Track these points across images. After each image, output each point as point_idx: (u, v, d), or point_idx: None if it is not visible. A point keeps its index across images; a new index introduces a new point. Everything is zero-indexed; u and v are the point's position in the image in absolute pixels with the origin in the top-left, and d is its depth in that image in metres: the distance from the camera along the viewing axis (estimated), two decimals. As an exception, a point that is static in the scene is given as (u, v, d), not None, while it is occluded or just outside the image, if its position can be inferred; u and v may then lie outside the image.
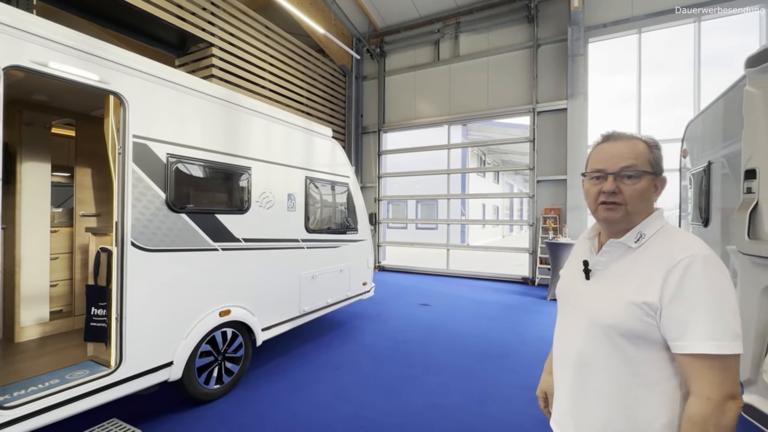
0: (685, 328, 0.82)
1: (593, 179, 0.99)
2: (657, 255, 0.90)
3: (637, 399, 0.89)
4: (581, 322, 1.00)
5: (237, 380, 3.30)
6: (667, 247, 0.90)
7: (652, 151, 0.95)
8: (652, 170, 0.94)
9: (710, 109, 3.28)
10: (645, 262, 0.92)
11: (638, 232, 0.95)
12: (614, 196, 0.93)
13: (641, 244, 0.94)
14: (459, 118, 9.60)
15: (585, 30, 7.81)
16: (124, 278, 2.43)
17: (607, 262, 0.99)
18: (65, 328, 3.55)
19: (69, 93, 3.17)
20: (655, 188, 0.96)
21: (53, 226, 3.68)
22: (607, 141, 0.99)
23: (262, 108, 3.62)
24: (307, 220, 4.11)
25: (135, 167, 2.49)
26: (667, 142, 7.33)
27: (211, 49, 6.72)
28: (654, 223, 0.95)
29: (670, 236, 0.93)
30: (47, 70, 2.09)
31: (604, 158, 0.97)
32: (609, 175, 0.94)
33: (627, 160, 0.93)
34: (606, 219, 0.98)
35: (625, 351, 0.90)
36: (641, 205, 0.94)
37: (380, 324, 5.32)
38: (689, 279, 0.83)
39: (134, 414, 2.82)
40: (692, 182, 3.69)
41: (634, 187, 0.93)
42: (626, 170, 0.93)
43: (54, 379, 2.39)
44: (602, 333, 0.94)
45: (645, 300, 0.87)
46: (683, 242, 0.90)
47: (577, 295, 1.04)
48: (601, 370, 0.94)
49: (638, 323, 0.87)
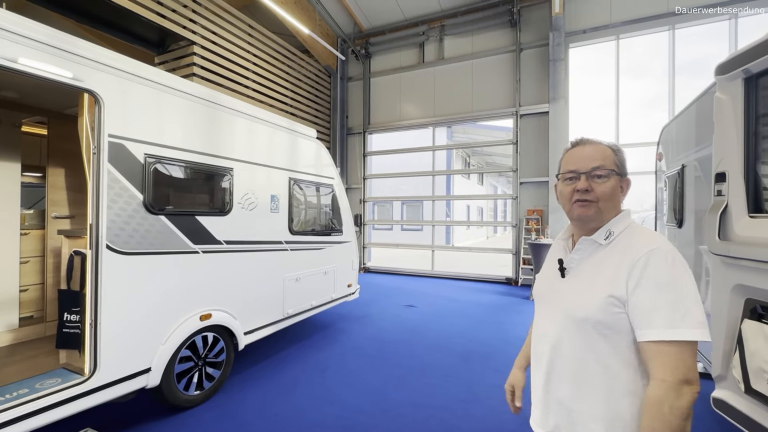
0: (646, 316, 0.89)
1: (567, 180, 1.07)
2: (624, 251, 0.98)
3: (608, 390, 0.96)
4: (557, 318, 1.06)
5: (218, 386, 3.23)
6: (632, 243, 0.98)
7: (616, 154, 1.05)
8: (618, 171, 1.03)
9: (684, 114, 3.39)
10: (613, 257, 0.99)
11: (608, 230, 1.03)
12: (587, 194, 1.02)
13: (610, 241, 1.02)
14: (444, 120, 9.68)
15: (566, 35, 8.00)
16: (98, 282, 2.34)
17: (580, 260, 1.07)
18: (36, 334, 3.40)
19: (41, 90, 3.05)
20: (621, 188, 1.05)
21: (23, 228, 3.53)
22: (578, 146, 1.08)
23: (244, 108, 3.56)
24: (290, 221, 4.06)
25: (111, 168, 2.42)
26: (645, 145, 7.58)
27: (193, 48, 6.58)
28: (622, 222, 1.04)
29: (635, 234, 1.01)
30: (17, 66, 2.00)
31: (576, 160, 1.05)
32: (581, 174, 1.03)
33: (596, 161, 1.02)
34: (580, 216, 1.05)
35: (596, 343, 0.97)
36: (611, 202, 1.03)
37: (365, 325, 5.30)
38: (650, 271, 0.91)
39: (109, 423, 2.73)
40: (667, 185, 3.81)
41: (604, 185, 1.01)
42: (597, 170, 1.02)
43: (23, 389, 2.28)
44: (576, 326, 1.00)
45: (613, 293, 0.94)
46: (647, 238, 0.98)
47: (554, 293, 1.11)
48: (575, 363, 1.01)
49: (608, 315, 0.95)
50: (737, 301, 1.92)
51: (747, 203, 1.90)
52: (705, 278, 2.85)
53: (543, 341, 1.11)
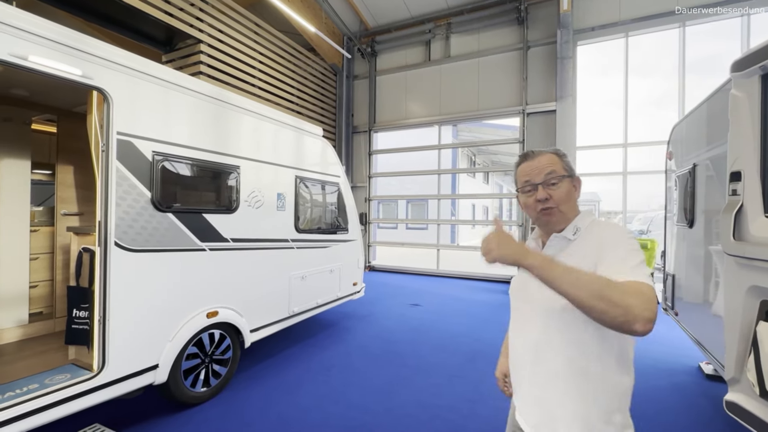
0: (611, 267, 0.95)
1: (526, 192, 1.15)
2: (590, 241, 1.08)
3: (584, 374, 1.01)
4: (535, 313, 1.11)
5: (225, 383, 3.24)
6: (595, 234, 1.09)
7: (562, 159, 1.15)
8: (567, 174, 1.12)
9: (695, 113, 3.34)
10: (581, 248, 1.08)
11: (575, 227, 1.12)
12: (547, 201, 1.11)
13: (578, 236, 1.11)
14: (449, 118, 9.64)
15: (574, 33, 7.92)
16: (107, 279, 2.36)
17: (553, 254, 1.12)
18: (45, 330, 3.44)
19: (50, 88, 3.07)
20: (574, 187, 1.15)
21: (33, 225, 3.57)
22: (527, 159, 1.17)
23: (251, 106, 3.56)
24: (297, 219, 4.06)
25: (119, 165, 2.43)
26: (653, 144, 7.49)
27: (200, 46, 6.60)
28: (585, 219, 1.14)
29: (597, 226, 1.11)
30: (27, 64, 2.02)
31: (529, 172, 1.14)
32: (538, 185, 1.12)
33: (547, 169, 1.12)
34: (548, 223, 1.15)
35: (573, 332, 1.02)
36: (569, 203, 1.13)
37: (371, 324, 5.29)
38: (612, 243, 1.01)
39: (117, 418, 2.75)
40: (677, 184, 3.76)
41: (559, 190, 1.11)
42: (549, 177, 1.11)
43: (33, 384, 2.30)
44: (555, 317, 1.05)
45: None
46: (606, 226, 1.09)
47: (529, 290, 1.14)
48: (556, 353, 1.05)
49: None
50: (752, 302, 1.88)
51: (763, 203, 1.86)
52: (715, 279, 2.80)
53: (523, 336, 1.15)
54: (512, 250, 0.94)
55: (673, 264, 3.94)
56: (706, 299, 2.95)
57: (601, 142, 8.14)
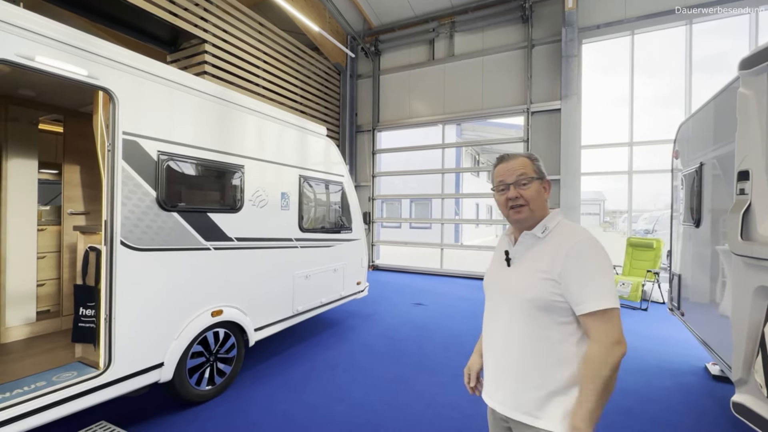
0: (582, 294, 1.09)
1: (500, 191, 1.27)
2: (557, 242, 1.17)
3: (548, 357, 1.15)
4: (506, 301, 1.24)
5: (229, 381, 3.26)
6: (564, 235, 1.18)
7: (534, 163, 1.26)
8: (537, 176, 1.24)
9: (702, 111, 3.30)
10: (550, 247, 1.18)
11: (544, 226, 1.23)
12: (518, 200, 1.22)
13: (546, 234, 1.22)
14: (453, 117, 9.61)
15: (579, 31, 7.86)
16: (113, 278, 2.38)
17: (523, 251, 1.25)
18: (53, 328, 3.48)
19: (57, 88, 3.10)
20: (544, 189, 1.26)
21: (40, 224, 3.60)
22: (502, 162, 1.29)
23: (255, 105, 3.57)
24: (300, 219, 4.07)
25: (125, 165, 2.44)
26: (659, 143, 7.43)
27: (204, 46, 6.63)
28: (554, 219, 1.24)
29: (566, 228, 1.21)
30: (34, 65, 2.03)
31: (503, 173, 1.26)
32: (510, 185, 1.23)
33: (519, 170, 1.23)
34: (517, 220, 1.26)
35: (538, 319, 1.16)
36: (538, 202, 1.23)
37: (374, 323, 5.30)
38: (579, 258, 1.12)
39: (123, 416, 2.77)
40: (684, 183, 3.72)
41: (529, 190, 1.22)
42: (521, 178, 1.22)
43: (40, 381, 2.33)
44: (523, 306, 1.18)
45: (551, 277, 1.14)
46: (574, 231, 1.19)
47: (501, 281, 1.29)
48: (522, 337, 1.19)
49: (548, 295, 1.14)
50: (760, 303, 1.86)
51: (771, 202, 1.84)
52: (722, 279, 2.78)
53: (494, 323, 1.29)
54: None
55: (679, 264, 3.91)
56: (713, 299, 2.93)
57: (607, 141, 8.08)
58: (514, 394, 1.20)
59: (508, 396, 1.21)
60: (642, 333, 4.96)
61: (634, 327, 5.22)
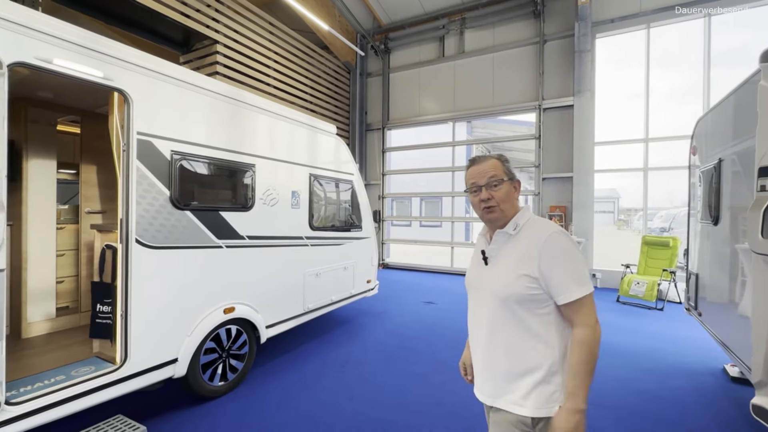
0: (563, 285, 1.17)
1: (473, 193, 1.33)
2: (529, 237, 1.24)
3: (530, 348, 1.21)
4: (487, 298, 1.30)
5: (241, 377, 3.31)
6: (534, 230, 1.25)
7: (504, 164, 1.31)
8: (507, 177, 1.29)
9: (721, 106, 3.21)
10: (522, 243, 1.25)
11: (515, 223, 1.29)
12: (489, 201, 1.28)
13: (518, 231, 1.28)
14: (464, 115, 9.54)
15: (592, 25, 7.72)
16: (128, 275, 2.43)
17: (498, 248, 1.32)
18: (71, 324, 3.57)
19: (74, 90, 3.17)
20: (515, 189, 1.32)
21: (59, 222, 3.70)
22: (474, 164, 1.35)
23: (266, 105, 3.60)
24: (311, 217, 4.10)
25: (139, 164, 2.49)
26: (675, 139, 7.26)
27: (216, 46, 6.71)
28: (524, 216, 1.30)
29: (536, 223, 1.28)
30: (52, 67, 2.09)
31: (475, 175, 1.32)
32: (482, 187, 1.29)
33: (490, 172, 1.29)
34: (490, 220, 1.33)
35: (518, 313, 1.22)
36: (508, 202, 1.29)
37: (385, 322, 5.31)
38: (553, 252, 1.18)
39: (139, 410, 2.83)
40: (702, 180, 3.63)
41: (500, 191, 1.28)
42: (492, 180, 1.28)
43: (60, 375, 2.40)
44: (502, 302, 1.24)
45: (526, 272, 1.20)
46: (545, 226, 1.25)
47: (481, 279, 1.36)
48: (504, 331, 1.25)
49: (525, 289, 1.20)
50: (781, 303, 1.80)
51: (794, 199, 1.78)
52: (741, 278, 2.70)
53: (477, 320, 1.35)
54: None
55: (696, 263, 3.81)
56: (732, 299, 2.85)
57: (621, 138, 7.92)
58: (501, 386, 1.26)
59: (496, 388, 1.28)
60: (658, 333, 4.86)
61: (649, 327, 5.12)
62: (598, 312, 1.20)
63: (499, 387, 1.27)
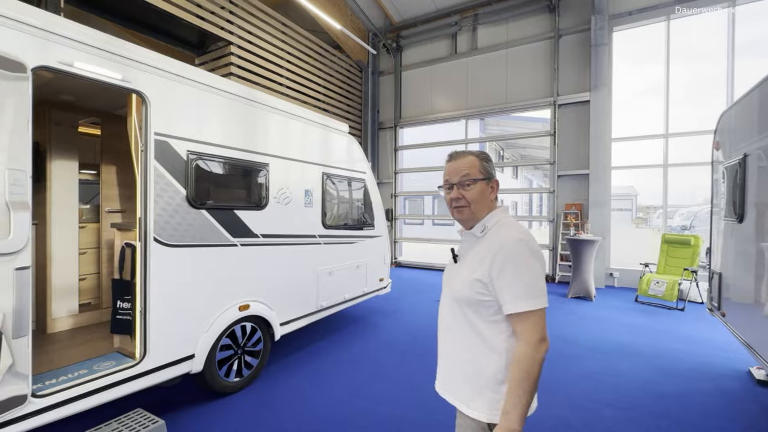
0: (507, 295, 1.13)
1: (446, 190, 1.30)
2: (491, 242, 1.20)
3: (476, 350, 1.20)
4: (448, 297, 1.31)
5: (256, 374, 3.36)
6: (497, 235, 1.20)
7: (482, 162, 1.27)
8: (483, 177, 1.25)
9: (746, 99, 3.09)
10: (485, 247, 1.21)
11: (483, 225, 1.26)
12: (459, 201, 1.25)
13: (485, 234, 1.24)
14: (477, 112, 9.44)
15: (609, 18, 7.54)
16: (147, 273, 2.49)
17: (466, 249, 1.30)
18: (93, 320, 3.69)
19: (94, 92, 3.26)
20: (491, 189, 1.28)
21: (81, 222, 3.81)
22: (451, 160, 1.32)
23: (279, 105, 3.63)
24: (324, 216, 4.12)
25: (157, 164, 2.54)
26: (696, 134, 7.03)
27: (230, 48, 6.80)
28: (494, 218, 1.26)
29: (502, 228, 1.22)
30: (73, 70, 2.14)
31: (449, 172, 1.29)
32: (454, 185, 1.27)
33: (464, 171, 1.25)
34: (458, 219, 1.30)
35: (469, 316, 1.21)
36: (480, 203, 1.25)
37: (397, 320, 5.30)
38: (508, 258, 1.13)
39: (158, 404, 2.90)
40: (726, 176, 3.51)
41: (472, 191, 1.24)
42: (465, 179, 1.25)
43: (83, 369, 2.47)
44: (456, 303, 1.25)
45: (478, 276, 1.18)
46: (508, 231, 1.20)
47: (449, 278, 1.35)
48: (456, 332, 1.26)
49: (476, 295, 1.18)
50: (811, 303, 1.73)
51: (825, 195, 1.70)
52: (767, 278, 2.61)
53: (440, 318, 1.37)
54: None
55: (719, 262, 3.69)
56: (758, 299, 2.75)
57: (640, 133, 7.72)
58: (453, 383, 1.29)
59: (449, 384, 1.31)
60: (678, 334, 4.72)
61: (669, 327, 4.98)
62: (616, 311, 1.15)
63: (453, 384, 1.29)
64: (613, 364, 3.80)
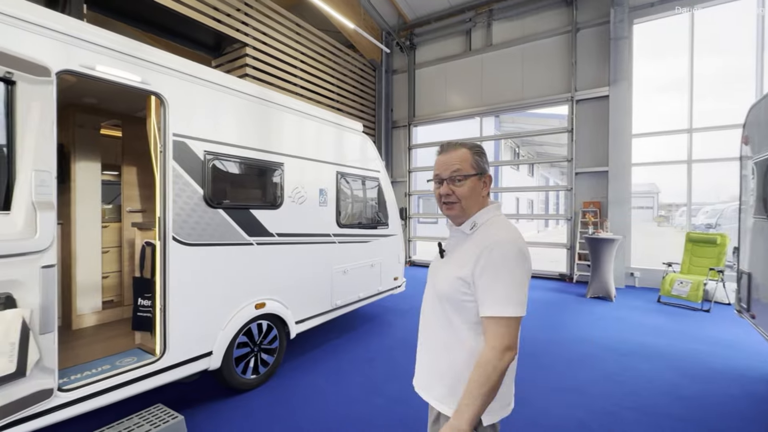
0: (485, 296, 1.10)
1: (436, 184, 1.26)
2: (479, 240, 1.16)
3: (454, 349, 1.18)
4: (431, 291, 1.30)
5: (272, 371, 3.39)
6: (486, 234, 1.16)
7: (474, 156, 1.21)
8: (475, 172, 1.20)
9: (778, 90, 2.95)
10: (472, 246, 1.17)
11: (473, 222, 1.21)
12: (449, 196, 1.21)
13: (474, 231, 1.20)
14: (491, 109, 9.32)
15: (629, 10, 7.32)
16: (166, 271, 2.54)
17: (454, 245, 1.26)
18: (116, 317, 3.79)
19: (115, 95, 3.35)
20: (483, 184, 1.23)
21: (104, 221, 3.93)
22: (441, 153, 1.25)
23: (294, 104, 3.66)
24: (338, 214, 4.13)
25: (175, 165, 2.59)
26: (725, 128, 6.77)
27: (245, 49, 6.88)
28: (485, 215, 1.21)
29: (491, 227, 1.18)
30: (94, 73, 2.20)
31: (439, 166, 1.24)
32: (443, 180, 1.22)
33: (455, 165, 1.19)
34: (447, 215, 1.27)
35: (450, 314, 1.19)
36: (471, 200, 1.20)
37: (412, 319, 5.28)
38: (491, 259, 1.10)
39: (177, 400, 2.97)
40: (755, 172, 3.36)
41: (462, 187, 1.19)
42: (455, 175, 1.19)
43: (106, 365, 2.55)
44: (437, 300, 1.23)
45: (460, 275, 1.15)
46: (497, 231, 1.16)
47: (434, 272, 1.33)
48: (435, 329, 1.25)
49: (458, 294, 1.16)
50: None
51: None
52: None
53: (422, 314, 1.36)
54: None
55: (748, 261, 3.54)
56: (791, 301, 2.62)
57: (662, 129, 7.48)
58: (428, 380, 1.28)
59: (421, 380, 1.31)
60: (703, 336, 4.56)
61: (694, 329, 4.81)
62: (637, 311, 1.11)
63: (427, 380, 1.28)
64: (633, 365, 3.70)
